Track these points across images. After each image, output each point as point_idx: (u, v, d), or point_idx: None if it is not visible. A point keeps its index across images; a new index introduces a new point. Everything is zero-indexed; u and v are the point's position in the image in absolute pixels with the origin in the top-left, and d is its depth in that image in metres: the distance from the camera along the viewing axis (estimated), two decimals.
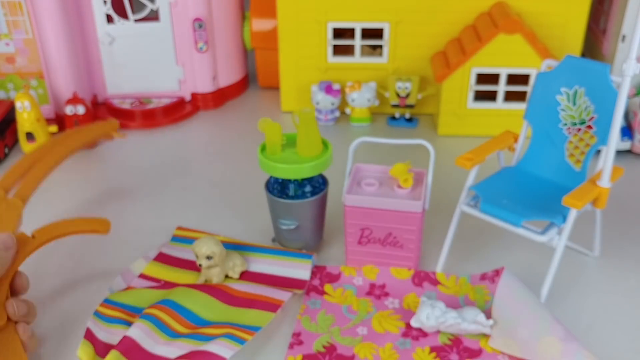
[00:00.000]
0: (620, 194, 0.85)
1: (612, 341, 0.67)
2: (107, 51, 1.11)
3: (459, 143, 0.98)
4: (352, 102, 1.07)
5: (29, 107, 0.99)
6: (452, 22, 1.05)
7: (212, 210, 0.89)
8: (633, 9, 0.97)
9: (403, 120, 1.09)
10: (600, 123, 0.70)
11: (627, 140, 0.97)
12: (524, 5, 1.02)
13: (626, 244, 0.80)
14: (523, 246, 0.78)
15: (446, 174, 0.87)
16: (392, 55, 1.08)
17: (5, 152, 1.02)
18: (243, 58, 1.21)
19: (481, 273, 0.74)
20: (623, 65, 0.62)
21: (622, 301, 0.72)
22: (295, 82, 1.11)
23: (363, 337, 0.67)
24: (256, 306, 0.69)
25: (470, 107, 1.03)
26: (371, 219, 0.73)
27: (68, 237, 0.71)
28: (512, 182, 0.74)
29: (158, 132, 1.10)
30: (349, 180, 0.74)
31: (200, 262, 0.72)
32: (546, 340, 0.62)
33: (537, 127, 0.75)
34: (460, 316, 0.66)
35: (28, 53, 1.04)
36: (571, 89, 0.72)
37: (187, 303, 0.69)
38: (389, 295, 0.73)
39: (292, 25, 1.07)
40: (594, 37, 1.12)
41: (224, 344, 0.63)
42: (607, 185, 0.67)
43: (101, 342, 0.65)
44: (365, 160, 0.78)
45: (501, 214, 0.69)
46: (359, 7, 1.04)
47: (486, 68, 1.00)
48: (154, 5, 1.08)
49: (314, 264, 0.76)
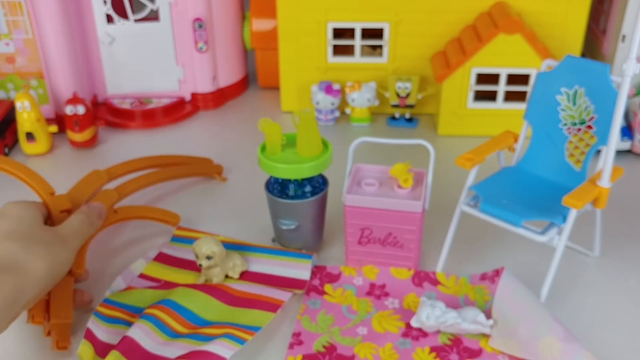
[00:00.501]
0: (620, 194, 0.85)
1: (612, 341, 0.67)
2: (107, 51, 1.11)
3: (459, 143, 0.98)
4: (352, 102, 1.07)
5: (29, 107, 0.99)
6: (452, 22, 1.05)
7: (212, 210, 0.89)
8: (633, 9, 0.97)
9: (403, 120, 1.09)
10: (600, 123, 0.70)
11: (627, 140, 0.97)
12: (524, 5, 1.02)
13: (626, 244, 0.80)
14: (523, 246, 0.78)
15: (446, 174, 0.87)
16: (392, 55, 1.08)
17: (5, 152, 1.02)
18: (243, 58, 1.21)
19: (481, 273, 0.74)
20: (623, 65, 0.62)
21: (622, 301, 0.72)
22: (295, 82, 1.11)
23: (363, 337, 0.67)
24: (256, 306, 0.69)
25: (470, 107, 1.03)
26: (371, 219, 0.73)
27: None
28: (512, 182, 0.74)
29: (158, 132, 1.10)
30: (349, 180, 0.74)
31: (200, 262, 0.72)
32: (546, 340, 0.62)
33: (537, 127, 0.75)
34: (460, 316, 0.66)
35: (28, 53, 1.04)
36: (571, 89, 0.72)
37: (187, 303, 0.69)
38: (389, 295, 0.73)
39: (292, 25, 1.07)
40: (594, 37, 1.12)
41: (223, 344, 0.63)
42: (607, 185, 0.67)
43: (101, 342, 0.65)
44: (365, 160, 0.78)
45: (501, 214, 0.69)
46: (359, 7, 1.04)
47: (486, 68, 1.00)
48: (154, 5, 1.08)
49: (314, 264, 0.76)
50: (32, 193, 0.76)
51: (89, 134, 1.02)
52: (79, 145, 1.03)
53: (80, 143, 1.03)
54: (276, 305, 0.69)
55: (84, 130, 1.02)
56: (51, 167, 1.00)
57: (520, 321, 0.64)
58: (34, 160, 1.01)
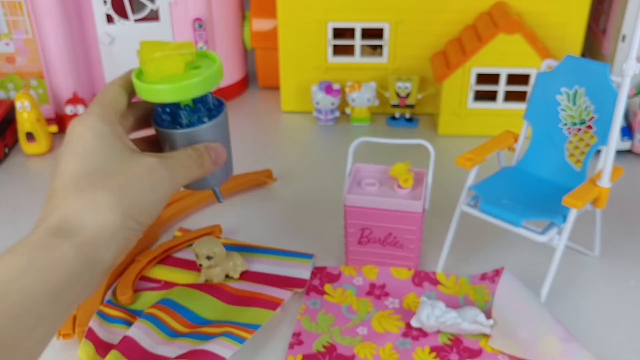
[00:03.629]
0: (620, 194, 0.85)
1: (612, 341, 0.67)
2: (107, 51, 1.11)
3: (459, 143, 0.98)
4: (352, 102, 1.07)
5: (29, 107, 0.99)
6: (452, 22, 1.04)
7: (212, 210, 0.89)
8: (633, 9, 0.97)
9: (403, 120, 1.09)
10: (600, 123, 0.70)
11: (627, 140, 0.97)
12: (524, 5, 1.01)
13: (626, 244, 0.80)
14: (523, 246, 0.78)
15: (446, 174, 0.87)
16: (392, 55, 1.08)
17: (5, 152, 1.02)
18: (243, 58, 1.21)
19: (481, 273, 0.74)
20: (623, 65, 0.62)
21: (622, 301, 0.72)
22: (295, 82, 1.11)
23: (363, 337, 0.67)
24: (256, 304, 0.69)
25: (470, 107, 1.03)
26: (371, 219, 0.73)
27: None
28: (512, 182, 0.74)
29: None
30: (349, 180, 0.74)
31: (200, 262, 0.72)
32: (546, 340, 0.62)
33: (537, 127, 0.75)
34: (460, 316, 0.66)
35: (28, 53, 1.04)
36: (571, 89, 0.72)
37: (187, 302, 0.69)
38: (389, 295, 0.73)
39: (292, 25, 1.07)
40: (594, 37, 1.12)
41: (223, 343, 0.63)
42: (607, 185, 0.67)
43: (102, 342, 0.65)
44: (365, 160, 0.78)
45: (501, 214, 0.69)
46: (359, 7, 1.04)
47: (486, 68, 1.00)
48: (154, 5, 1.08)
49: (314, 264, 0.76)
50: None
51: None
52: None
53: None
54: (276, 303, 0.69)
55: None
56: (51, 167, 1.00)
57: (520, 321, 0.64)
58: (34, 160, 1.01)
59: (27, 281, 0.43)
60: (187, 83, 0.55)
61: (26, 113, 0.99)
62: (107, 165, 0.49)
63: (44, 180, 0.96)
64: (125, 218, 0.47)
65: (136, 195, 0.48)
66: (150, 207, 0.50)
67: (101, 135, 0.49)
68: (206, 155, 0.55)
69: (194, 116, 0.58)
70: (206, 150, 0.56)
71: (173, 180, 0.51)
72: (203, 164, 0.55)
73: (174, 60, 0.55)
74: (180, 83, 0.55)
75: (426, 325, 0.66)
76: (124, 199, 0.48)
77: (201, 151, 0.55)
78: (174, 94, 0.55)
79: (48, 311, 0.44)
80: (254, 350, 0.66)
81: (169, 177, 0.51)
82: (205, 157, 0.55)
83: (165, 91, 0.55)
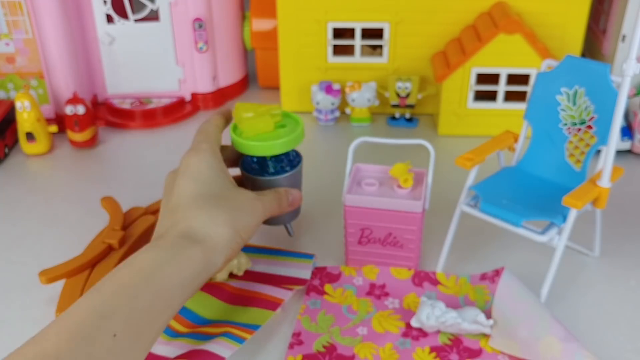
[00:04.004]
0: (620, 194, 0.85)
1: (612, 341, 0.67)
2: (107, 51, 1.11)
3: (459, 143, 0.98)
4: (352, 102, 1.07)
5: (29, 107, 0.99)
6: (452, 22, 1.05)
7: None
8: (633, 9, 0.97)
9: (403, 120, 1.09)
10: (600, 123, 0.70)
11: (627, 140, 0.97)
12: (524, 5, 1.02)
13: (626, 244, 0.80)
14: (523, 246, 0.78)
15: (446, 174, 0.87)
16: (392, 55, 1.08)
17: (6, 152, 1.02)
18: (243, 58, 1.21)
19: (481, 273, 0.74)
20: (623, 65, 0.62)
21: (622, 301, 0.72)
22: (295, 82, 1.11)
23: (363, 337, 0.67)
24: (256, 304, 0.69)
25: (471, 107, 1.03)
26: (371, 219, 0.73)
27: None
28: (512, 182, 0.74)
29: (158, 132, 1.10)
30: (349, 180, 0.74)
31: None
32: (546, 340, 0.62)
33: (537, 127, 0.75)
34: (460, 316, 0.66)
35: (28, 53, 1.04)
36: (571, 89, 0.72)
37: (187, 302, 0.69)
38: (389, 295, 0.73)
39: (292, 25, 1.07)
40: (594, 37, 1.12)
41: (223, 343, 0.63)
42: (607, 185, 0.67)
43: None
44: (365, 160, 0.78)
45: (501, 214, 0.69)
46: (359, 7, 1.04)
47: (486, 68, 1.00)
48: (154, 5, 1.08)
49: (315, 264, 0.76)
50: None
51: (89, 134, 1.02)
52: (79, 145, 1.03)
53: (81, 143, 1.03)
54: (276, 304, 0.69)
55: (84, 130, 1.02)
56: (51, 167, 1.00)
57: (520, 321, 0.64)
58: (33, 160, 1.01)
59: (168, 272, 0.53)
60: (277, 142, 0.68)
61: (26, 113, 0.99)
62: (220, 191, 0.61)
63: (44, 180, 0.96)
64: (235, 233, 0.59)
65: (242, 217, 0.60)
66: (250, 228, 0.61)
67: (213, 167, 0.62)
68: (284, 198, 0.68)
69: (278, 165, 0.72)
70: (285, 194, 0.69)
71: (264, 213, 0.64)
72: (281, 205, 0.68)
73: (266, 121, 0.69)
74: (272, 142, 0.68)
75: (426, 325, 0.66)
76: (235, 218, 0.59)
77: (281, 194, 0.68)
78: (266, 150, 0.68)
79: (175, 301, 0.53)
80: (254, 350, 0.66)
81: (262, 209, 0.64)
82: (283, 200, 0.68)
83: (259, 147, 0.68)
